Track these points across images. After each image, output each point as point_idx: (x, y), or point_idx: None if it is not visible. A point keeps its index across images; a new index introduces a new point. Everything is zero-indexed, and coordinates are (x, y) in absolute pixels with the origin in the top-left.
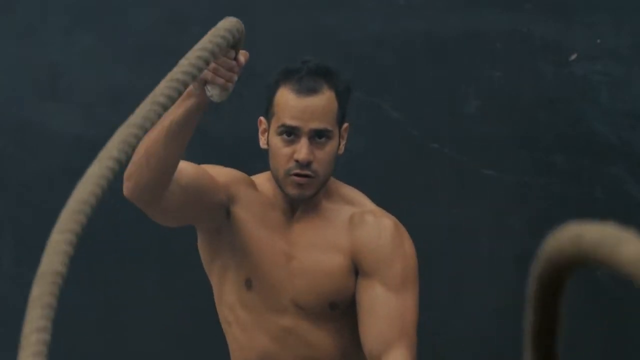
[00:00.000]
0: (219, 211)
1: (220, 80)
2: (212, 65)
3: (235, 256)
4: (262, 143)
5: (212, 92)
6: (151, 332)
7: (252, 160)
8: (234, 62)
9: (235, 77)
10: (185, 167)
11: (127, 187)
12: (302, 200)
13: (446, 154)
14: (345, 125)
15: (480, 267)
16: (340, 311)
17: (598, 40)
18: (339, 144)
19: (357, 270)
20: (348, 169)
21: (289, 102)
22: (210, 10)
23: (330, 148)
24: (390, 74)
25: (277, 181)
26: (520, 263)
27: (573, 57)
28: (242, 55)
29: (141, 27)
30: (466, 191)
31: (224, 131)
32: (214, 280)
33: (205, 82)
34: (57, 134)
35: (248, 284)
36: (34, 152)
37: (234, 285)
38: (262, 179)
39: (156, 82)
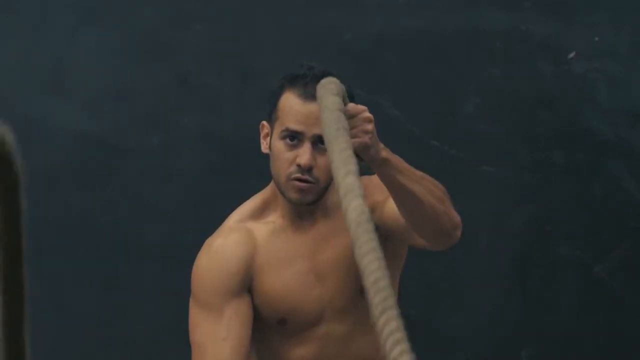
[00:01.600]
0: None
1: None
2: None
3: (265, 302)
4: (264, 147)
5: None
6: (152, 329)
7: (254, 159)
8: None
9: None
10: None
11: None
12: (306, 205)
13: (446, 151)
14: None
15: (479, 262)
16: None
17: (596, 39)
18: None
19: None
20: None
21: (293, 107)
22: (214, 8)
23: None
24: (390, 72)
25: (279, 186)
26: (518, 259)
27: (572, 55)
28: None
29: (145, 24)
30: (465, 188)
31: (225, 130)
32: None
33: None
34: (61, 130)
35: (282, 323)
36: (38, 148)
37: (264, 325)
38: (258, 208)
39: (160, 79)
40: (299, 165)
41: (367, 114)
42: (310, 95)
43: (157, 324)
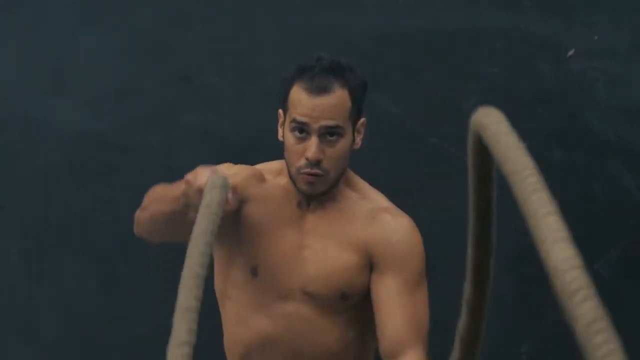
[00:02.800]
0: (229, 215)
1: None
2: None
3: (242, 244)
4: (280, 135)
5: None
6: (152, 329)
7: (254, 156)
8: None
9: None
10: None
11: (136, 231)
12: (315, 195)
13: (445, 148)
14: (362, 120)
15: None
16: (351, 303)
17: (595, 37)
18: (353, 140)
19: (371, 266)
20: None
21: (301, 100)
22: (214, 8)
23: (341, 145)
24: (390, 70)
25: (290, 176)
26: (517, 256)
27: (571, 53)
28: (231, 198)
29: (146, 23)
30: (465, 185)
31: (226, 127)
32: (218, 260)
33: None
34: (62, 129)
35: (254, 272)
36: (39, 147)
37: (239, 270)
38: (275, 170)
39: (160, 78)
40: (307, 159)
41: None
42: (317, 88)
43: (158, 323)
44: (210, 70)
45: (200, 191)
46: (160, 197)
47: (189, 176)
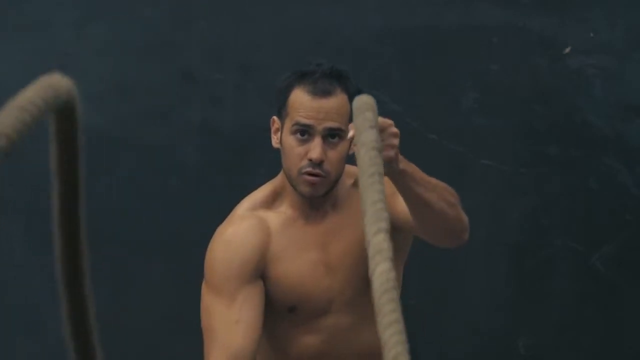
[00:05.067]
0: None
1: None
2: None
3: (275, 289)
4: (275, 142)
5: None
6: (156, 321)
7: (256, 152)
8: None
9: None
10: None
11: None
12: (316, 198)
13: (444, 145)
14: None
15: (477, 254)
16: None
17: (591, 34)
18: (350, 144)
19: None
20: (348, 159)
21: (304, 102)
22: (216, 4)
23: (342, 148)
24: (389, 67)
25: (290, 180)
26: (516, 251)
27: (567, 50)
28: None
29: (148, 20)
30: (464, 181)
31: (226, 124)
32: None
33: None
34: None
35: (292, 310)
36: (44, 143)
37: (275, 312)
38: (266, 199)
39: (162, 75)
40: (310, 160)
41: (394, 129)
42: (320, 91)
43: (161, 316)
44: (212, 66)
45: None
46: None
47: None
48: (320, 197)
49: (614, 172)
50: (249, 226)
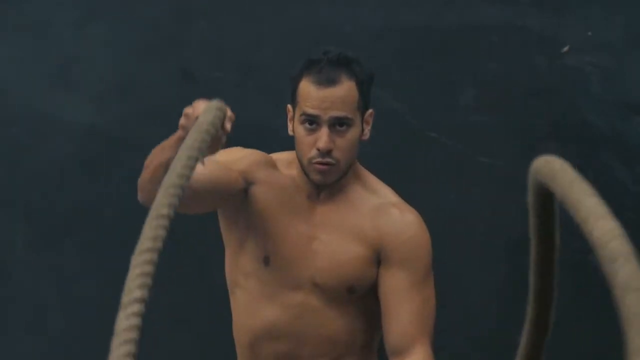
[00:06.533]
0: (237, 196)
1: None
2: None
3: (254, 234)
4: (290, 129)
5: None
6: (158, 318)
7: (254, 149)
8: (223, 137)
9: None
10: (199, 172)
11: (140, 197)
12: (326, 185)
13: (444, 143)
14: (370, 111)
15: (475, 251)
16: (357, 296)
17: (590, 33)
18: (362, 130)
19: (379, 260)
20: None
21: (310, 92)
22: (217, 3)
23: (351, 135)
24: (389, 65)
25: (302, 167)
26: (513, 247)
27: (565, 49)
28: (228, 124)
29: (150, 19)
30: (463, 178)
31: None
32: (230, 249)
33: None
34: (69, 124)
35: (266, 261)
36: (47, 142)
37: (251, 259)
38: (286, 160)
39: (164, 74)
40: (318, 150)
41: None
42: (324, 80)
43: (163, 313)
44: (214, 64)
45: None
46: (159, 150)
47: (187, 109)
48: (331, 184)
49: (612, 170)
50: (262, 153)
